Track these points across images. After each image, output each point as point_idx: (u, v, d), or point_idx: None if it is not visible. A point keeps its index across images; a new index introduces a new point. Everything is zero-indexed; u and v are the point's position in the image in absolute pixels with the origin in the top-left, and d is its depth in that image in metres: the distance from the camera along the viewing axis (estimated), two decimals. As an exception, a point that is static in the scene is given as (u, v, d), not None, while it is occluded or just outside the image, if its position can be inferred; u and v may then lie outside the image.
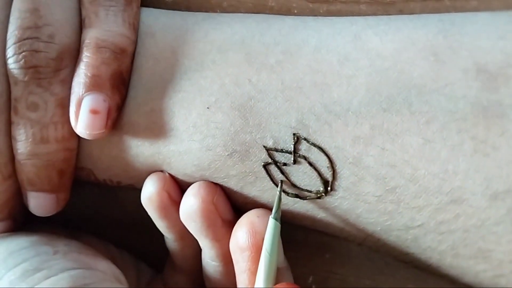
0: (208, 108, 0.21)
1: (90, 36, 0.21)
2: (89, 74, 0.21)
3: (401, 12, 0.24)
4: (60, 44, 0.21)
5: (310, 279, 0.27)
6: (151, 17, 0.23)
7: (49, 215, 0.23)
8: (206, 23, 0.23)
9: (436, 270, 0.22)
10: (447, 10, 0.24)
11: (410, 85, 0.20)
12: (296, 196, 0.22)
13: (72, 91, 0.21)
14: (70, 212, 0.25)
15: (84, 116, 0.21)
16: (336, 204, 0.21)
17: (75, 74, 0.21)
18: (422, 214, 0.20)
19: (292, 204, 0.22)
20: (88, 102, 0.21)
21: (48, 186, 0.22)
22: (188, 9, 0.25)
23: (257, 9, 0.25)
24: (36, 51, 0.21)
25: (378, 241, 0.22)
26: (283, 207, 0.22)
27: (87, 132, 0.21)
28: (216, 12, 0.25)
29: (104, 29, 0.22)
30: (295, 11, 0.25)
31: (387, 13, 0.24)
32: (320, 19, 0.23)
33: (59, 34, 0.21)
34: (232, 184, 0.22)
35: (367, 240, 0.22)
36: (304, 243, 0.27)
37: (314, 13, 0.25)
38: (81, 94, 0.21)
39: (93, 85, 0.21)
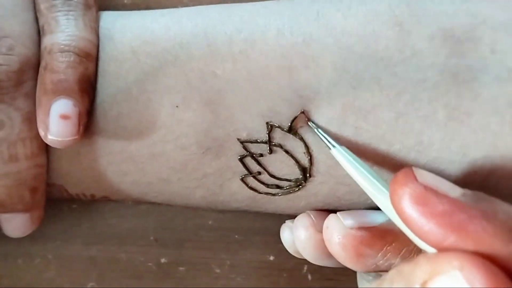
0: (177, 106, 0.21)
1: (52, 42, 0.20)
2: (55, 80, 0.20)
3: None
4: (20, 56, 0.20)
5: (305, 268, 0.26)
6: (109, 19, 0.22)
7: (24, 235, 0.22)
8: (165, 19, 0.22)
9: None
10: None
11: (376, 59, 0.19)
12: (276, 186, 0.21)
13: (38, 100, 0.20)
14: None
15: (54, 123, 0.20)
16: (316, 190, 0.21)
17: (39, 82, 0.20)
18: None
19: (273, 195, 0.22)
20: (58, 107, 0.20)
21: (21, 205, 0.21)
22: (148, 8, 0.24)
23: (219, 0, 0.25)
24: None
25: None
26: (263, 200, 0.22)
27: (59, 140, 0.20)
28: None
29: (66, 34, 0.21)
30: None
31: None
32: (282, 1, 0.22)
33: (19, 45, 0.20)
34: (211, 183, 0.22)
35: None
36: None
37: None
38: (48, 101, 0.20)
39: (61, 90, 0.20)
